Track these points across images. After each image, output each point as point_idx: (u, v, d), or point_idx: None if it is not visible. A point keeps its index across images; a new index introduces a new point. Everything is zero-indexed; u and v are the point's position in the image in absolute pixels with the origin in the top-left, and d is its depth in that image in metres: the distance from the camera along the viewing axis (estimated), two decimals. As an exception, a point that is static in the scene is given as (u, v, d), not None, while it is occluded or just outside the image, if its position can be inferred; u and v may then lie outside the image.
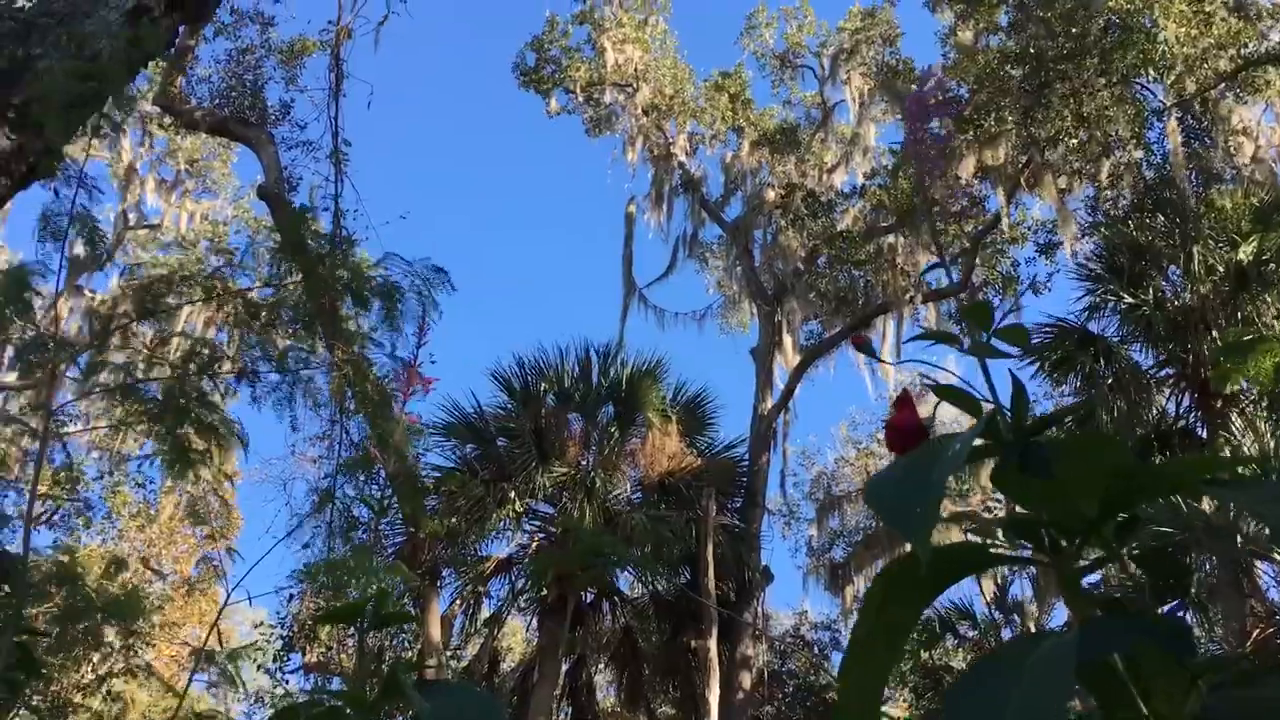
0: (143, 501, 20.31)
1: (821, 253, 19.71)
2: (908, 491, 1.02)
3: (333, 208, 13.68)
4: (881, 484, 1.07)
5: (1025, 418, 1.15)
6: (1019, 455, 1.12)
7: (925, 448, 1.10)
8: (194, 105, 15.12)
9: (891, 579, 1.08)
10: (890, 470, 1.09)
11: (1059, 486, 1.11)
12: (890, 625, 1.08)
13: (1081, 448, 1.13)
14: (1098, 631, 0.96)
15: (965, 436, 1.05)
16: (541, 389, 17.00)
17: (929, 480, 1.01)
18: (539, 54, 21.63)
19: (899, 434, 1.18)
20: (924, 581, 1.09)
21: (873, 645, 1.08)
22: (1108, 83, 13.40)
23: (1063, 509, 1.11)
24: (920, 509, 0.99)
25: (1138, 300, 14.37)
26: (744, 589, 16.68)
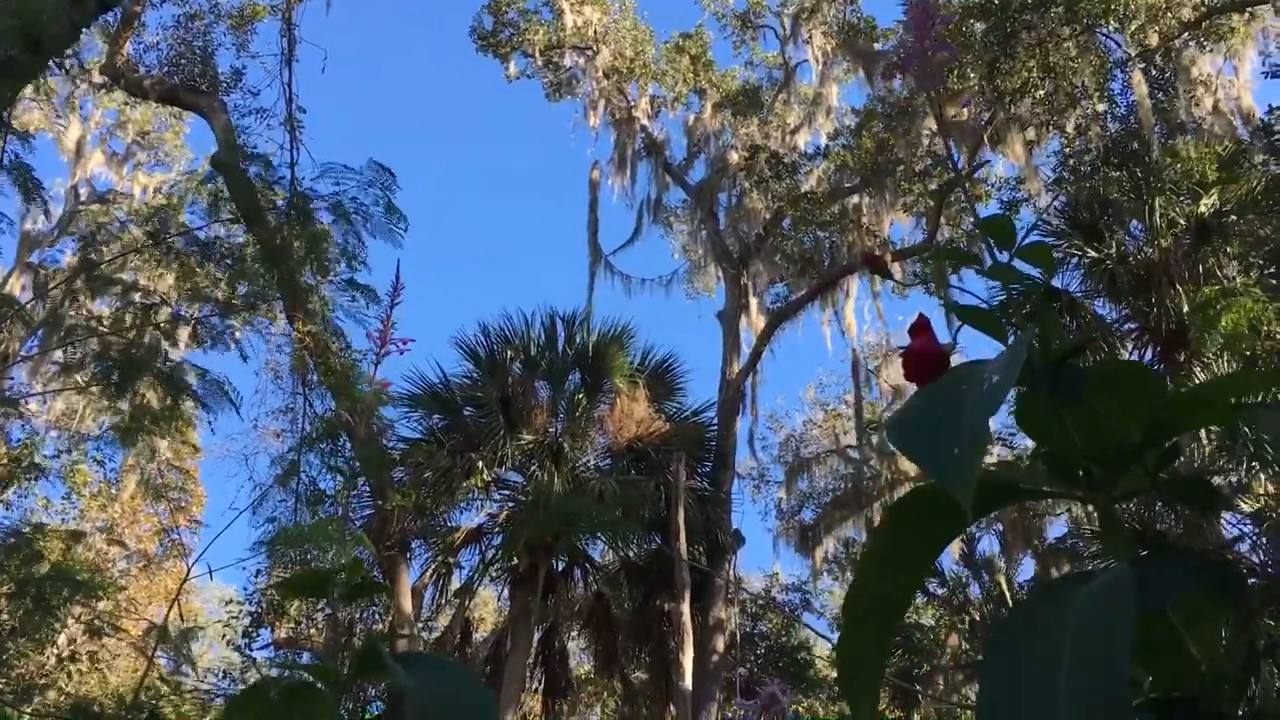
0: (103, 480, 20.01)
1: (786, 214, 19.61)
2: (943, 432, 0.90)
3: (290, 175, 13.43)
4: (909, 422, 0.95)
5: (1053, 343, 1.04)
6: (1050, 382, 1.02)
7: (951, 376, 0.99)
8: (143, 74, 14.74)
9: (897, 527, 0.98)
10: (915, 406, 0.97)
11: (1095, 415, 1.01)
12: (889, 586, 0.98)
13: (1121, 374, 1.03)
14: (1154, 571, 0.85)
15: (1005, 363, 0.93)
16: (508, 357, 16.85)
17: (967, 418, 0.89)
18: (496, 17, 21.28)
19: (920, 361, 1.07)
20: (936, 527, 0.98)
21: (873, 610, 0.98)
22: (1072, 32, 13.34)
23: (1100, 439, 1.01)
24: (962, 452, 0.86)
25: (1101, 255, 14.40)
26: (715, 552, 16.66)
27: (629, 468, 16.01)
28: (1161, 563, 0.88)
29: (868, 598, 1.03)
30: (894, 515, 1.02)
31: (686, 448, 16.25)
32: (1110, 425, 1.01)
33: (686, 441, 16.52)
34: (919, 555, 1.04)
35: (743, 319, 19.59)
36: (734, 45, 22.51)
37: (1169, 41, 13.73)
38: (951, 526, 1.02)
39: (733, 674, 17.93)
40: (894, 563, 1.03)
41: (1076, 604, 0.84)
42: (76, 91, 20.02)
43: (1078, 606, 0.83)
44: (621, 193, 21.26)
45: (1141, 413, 0.99)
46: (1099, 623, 0.79)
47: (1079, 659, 0.77)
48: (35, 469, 14.13)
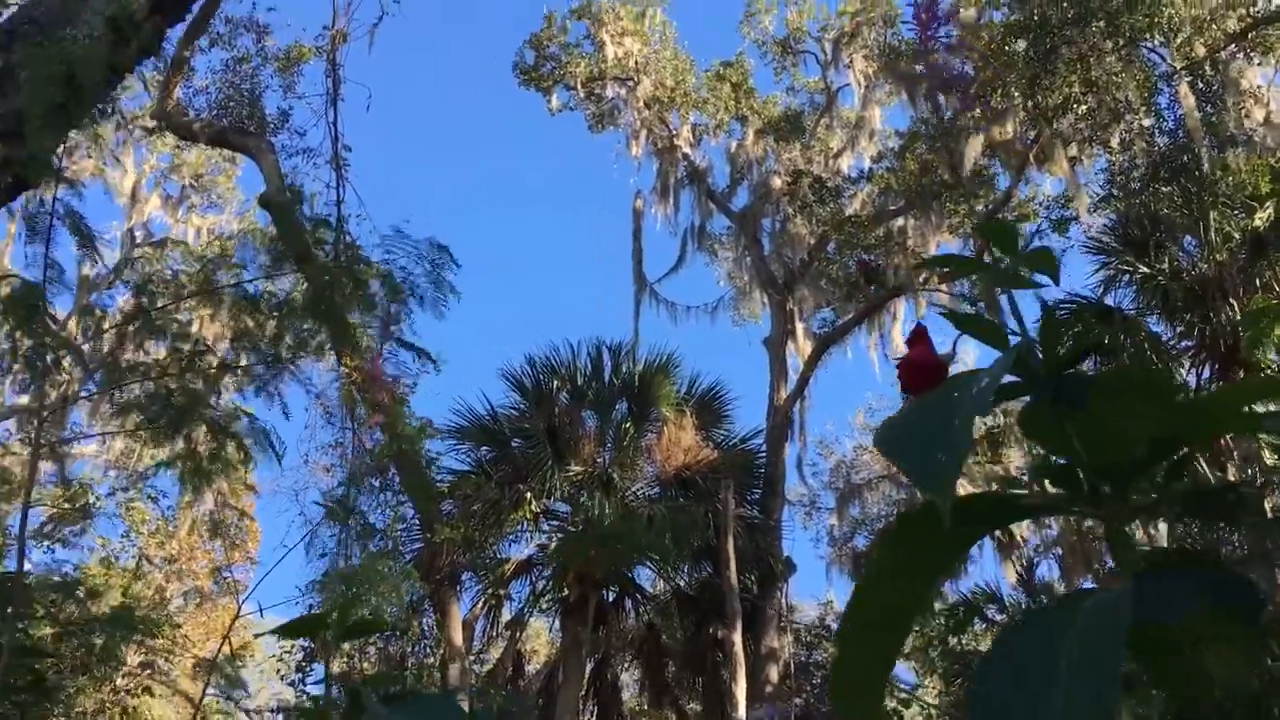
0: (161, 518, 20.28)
1: (831, 239, 19.51)
2: (927, 435, 0.87)
3: (335, 214, 13.60)
4: (896, 427, 0.92)
5: (1057, 348, 1.00)
6: (1053, 390, 0.98)
7: (945, 386, 0.95)
8: (192, 118, 15.03)
9: (901, 540, 0.94)
10: (906, 414, 0.94)
11: (1101, 425, 0.97)
12: (899, 597, 0.94)
13: (1126, 381, 0.98)
14: (1155, 587, 0.81)
15: (994, 368, 0.90)
16: (554, 387, 16.89)
17: (952, 422, 0.86)
18: (538, 52, 21.49)
19: (915, 371, 1.03)
20: (941, 542, 0.94)
21: (878, 621, 0.94)
22: (1114, 46, 13.16)
23: (1106, 450, 0.97)
24: (943, 455, 0.84)
25: (1154, 271, 14.14)
26: (767, 580, 16.52)
27: (677, 496, 15.94)
28: (1168, 577, 0.84)
29: (874, 609, 0.99)
30: (901, 526, 0.99)
31: (735, 475, 16.16)
32: (1117, 436, 0.96)
33: (735, 469, 16.43)
34: (927, 568, 0.99)
35: (789, 344, 19.49)
36: (775, 72, 22.55)
37: (1215, 54, 13.50)
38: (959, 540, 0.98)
39: (788, 704, 17.71)
40: (904, 573, 0.99)
41: (1077, 617, 0.80)
42: (131, 137, 20.48)
43: (1078, 620, 0.79)
44: (665, 221, 21.33)
45: (1150, 423, 0.94)
46: (1094, 636, 0.75)
47: (1074, 672, 0.73)
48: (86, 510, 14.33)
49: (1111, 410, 0.97)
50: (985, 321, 1.04)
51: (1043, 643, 0.78)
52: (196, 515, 21.16)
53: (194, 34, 14.83)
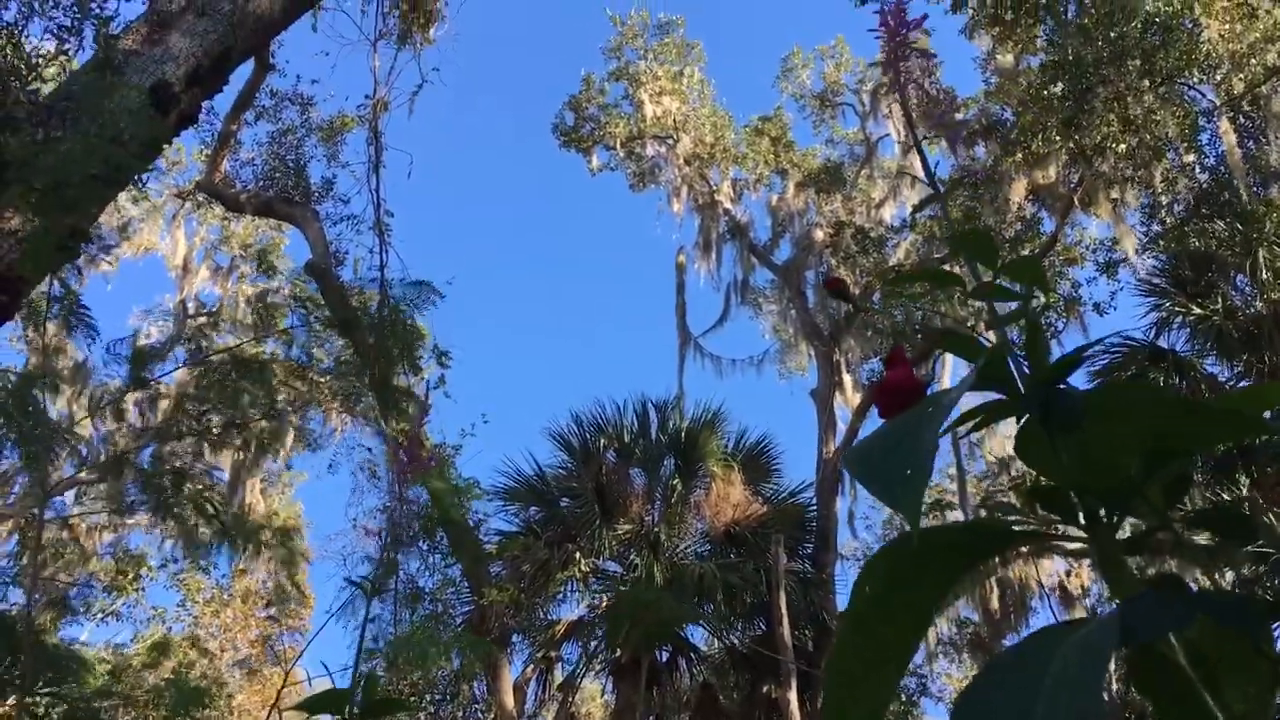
0: (216, 586, 20.42)
1: (875, 289, 19.40)
2: (895, 454, 0.82)
3: (379, 278, 13.76)
4: (865, 447, 0.86)
5: (1044, 362, 0.94)
6: (1039, 407, 0.91)
7: (919, 406, 0.90)
8: (239, 189, 15.34)
9: (886, 572, 0.88)
10: (876, 434, 0.89)
11: (1091, 443, 0.90)
12: (886, 637, 0.87)
13: (1116, 395, 0.92)
14: (1144, 609, 0.74)
15: (959, 384, 0.84)
16: (601, 446, 16.82)
17: (919, 436, 0.81)
18: (577, 113, 21.74)
19: (892, 396, 0.97)
20: (927, 573, 0.87)
21: (860, 671, 0.87)
22: (1152, 84, 13.04)
23: (1098, 470, 0.90)
24: (909, 469, 0.78)
25: (1206, 311, 13.89)
26: (822, 636, 16.20)
27: (727, 552, 15.75)
28: (1160, 597, 0.76)
29: (856, 658, 0.92)
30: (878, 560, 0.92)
31: (786, 530, 15.93)
32: (1110, 453, 0.90)
33: (785, 523, 16.21)
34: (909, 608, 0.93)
35: (837, 396, 19.31)
36: (813, 124, 22.64)
37: (1255, 88, 13.33)
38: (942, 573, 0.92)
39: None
40: (885, 614, 0.92)
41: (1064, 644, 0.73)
42: (181, 211, 20.93)
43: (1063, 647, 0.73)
44: (708, 276, 21.35)
45: (1139, 436, 0.88)
46: (1076, 661, 0.68)
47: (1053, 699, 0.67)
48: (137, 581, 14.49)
49: (1105, 425, 0.90)
50: (960, 337, 0.98)
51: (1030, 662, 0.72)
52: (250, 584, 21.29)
53: (240, 108, 15.19)
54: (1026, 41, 16.21)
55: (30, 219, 5.12)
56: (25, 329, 14.91)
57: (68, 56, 6.44)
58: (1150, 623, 0.73)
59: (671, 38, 21.85)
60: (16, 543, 15.64)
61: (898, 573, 0.87)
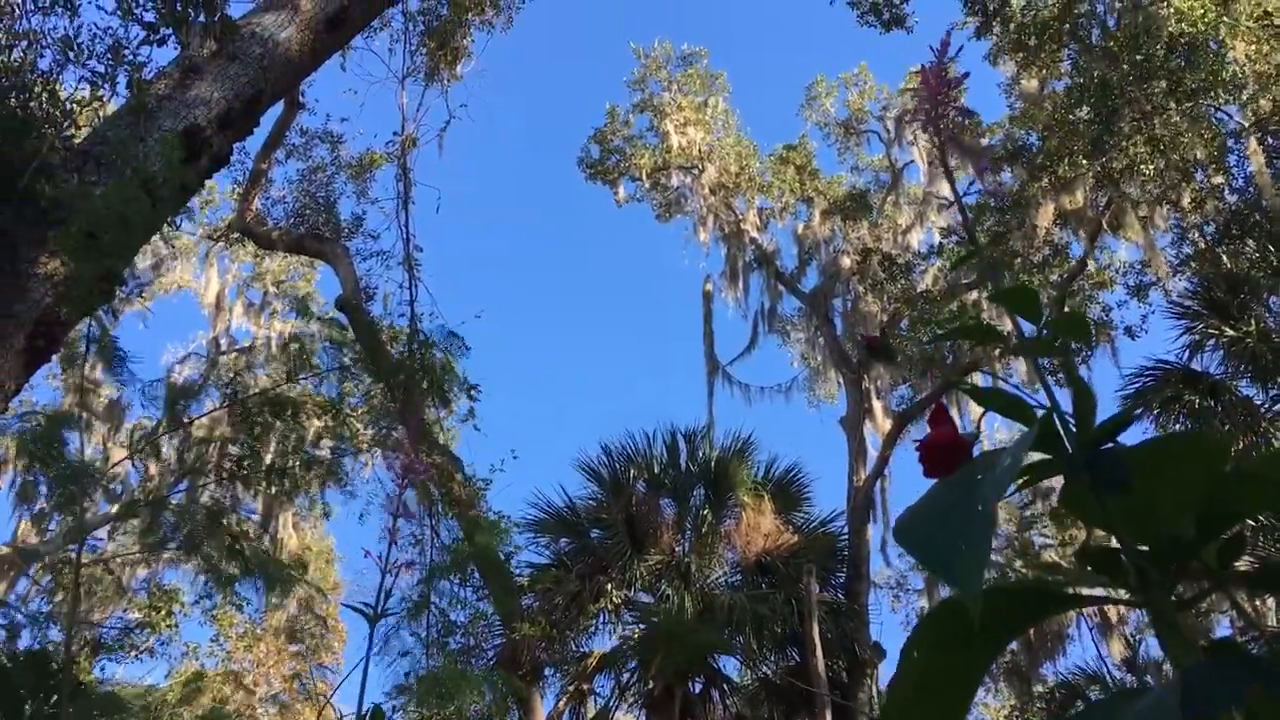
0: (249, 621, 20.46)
1: (903, 315, 19.33)
2: (948, 525, 0.80)
3: (409, 313, 13.84)
4: (916, 518, 0.85)
5: (1091, 422, 0.93)
6: (1087, 468, 0.90)
7: (967, 468, 0.89)
8: (270, 226, 15.50)
9: (932, 637, 0.86)
10: (927, 499, 0.88)
11: (1142, 503, 0.89)
12: (937, 692, 0.86)
13: (1166, 452, 0.91)
14: (1203, 679, 0.73)
15: (1014, 447, 0.83)
16: (631, 476, 16.78)
17: (973, 509, 0.80)
18: (603, 145, 21.86)
19: (936, 454, 0.96)
20: (975, 638, 0.86)
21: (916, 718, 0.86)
22: (1178, 105, 12.97)
23: (1149, 530, 0.89)
24: (966, 546, 0.77)
25: (1240, 333, 13.74)
26: (855, 667, 16.03)
27: (759, 582, 15.64)
28: (1213, 668, 0.75)
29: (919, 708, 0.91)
30: (924, 629, 0.91)
31: (817, 559, 15.81)
32: (1160, 514, 0.89)
33: (817, 552, 16.09)
34: (957, 675, 0.91)
35: (867, 424, 19.22)
36: (838, 152, 22.68)
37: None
38: (990, 640, 0.91)
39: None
40: (931, 683, 0.91)
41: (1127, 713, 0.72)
42: (213, 249, 21.16)
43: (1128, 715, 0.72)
44: (735, 304, 21.35)
45: (1191, 497, 0.87)
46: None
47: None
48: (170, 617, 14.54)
49: (1155, 484, 0.89)
50: (1009, 396, 0.98)
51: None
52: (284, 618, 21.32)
53: (270, 147, 15.38)
54: (1050, 66, 16.19)
55: (65, 263, 5.19)
56: (62, 370, 15.09)
57: (102, 102, 6.54)
58: (1210, 699, 0.71)
59: (695, 69, 21.98)
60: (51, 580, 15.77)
61: (953, 634, 0.86)
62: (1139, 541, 0.90)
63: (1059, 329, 1.03)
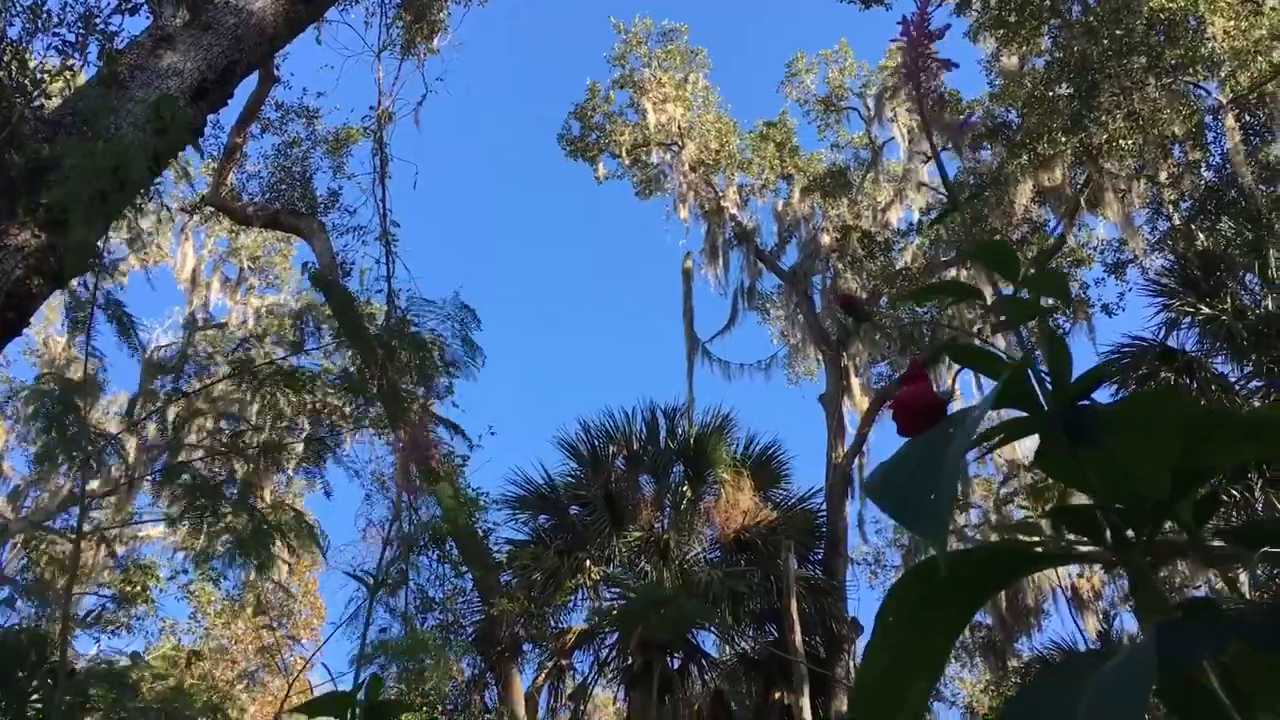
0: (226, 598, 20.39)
1: (883, 292, 19.36)
2: (917, 478, 0.79)
3: (386, 289, 13.76)
4: (886, 472, 0.84)
5: (1067, 378, 0.92)
6: (1063, 424, 0.89)
7: (941, 425, 0.87)
8: (246, 202, 15.36)
9: (910, 595, 0.85)
10: (897, 458, 0.86)
11: (1117, 461, 0.88)
12: (911, 655, 0.85)
13: (1142, 408, 0.89)
14: (1179, 632, 0.72)
15: (983, 401, 0.82)
16: (610, 453, 16.80)
17: (942, 460, 0.78)
18: (583, 122, 21.75)
19: (909, 412, 0.95)
20: (951, 596, 0.85)
21: (889, 683, 0.85)
22: (1158, 79, 12.99)
23: (1125, 488, 0.88)
24: (935, 496, 0.76)
25: (1216, 311, 13.83)
26: (833, 643, 16.14)
27: (737, 559, 15.70)
28: (1196, 622, 0.74)
29: (880, 681, 0.89)
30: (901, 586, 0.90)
31: (796, 535, 15.89)
32: (1136, 469, 0.87)
33: (795, 529, 16.16)
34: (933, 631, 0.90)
35: (845, 401, 19.27)
36: (818, 129, 22.61)
37: (1260, 86, 13.28)
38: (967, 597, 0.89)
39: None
40: (908, 639, 0.89)
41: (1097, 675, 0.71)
42: (188, 224, 20.96)
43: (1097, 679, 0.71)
44: (715, 282, 21.33)
45: (1169, 454, 0.85)
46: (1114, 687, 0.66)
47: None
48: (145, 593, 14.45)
49: (1131, 441, 0.88)
50: (981, 352, 0.96)
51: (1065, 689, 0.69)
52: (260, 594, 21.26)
53: (245, 121, 15.22)
54: (1030, 43, 16.19)
55: (37, 235, 5.12)
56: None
57: (72, 72, 6.45)
58: (1187, 650, 0.70)
59: (675, 45, 21.87)
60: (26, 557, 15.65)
61: (925, 596, 0.84)
62: (1114, 500, 0.89)
63: (1036, 287, 1.02)
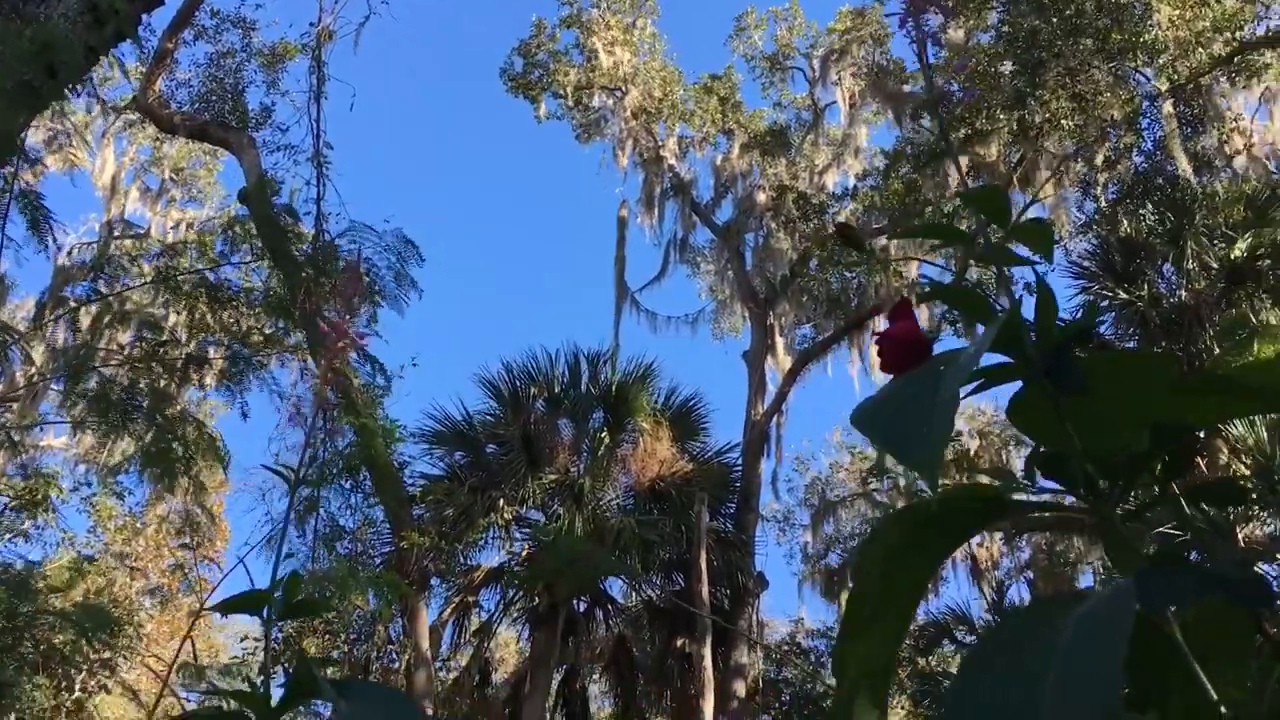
0: (128, 514, 20.00)
1: (813, 255, 19.49)
2: (910, 411, 0.79)
3: (315, 211, 13.48)
4: (876, 404, 0.83)
5: (1052, 327, 0.92)
6: (1048, 372, 0.89)
7: (928, 364, 0.87)
8: (174, 110, 14.89)
9: (898, 531, 0.85)
10: (887, 390, 0.86)
11: (1098, 412, 0.88)
12: (899, 588, 0.85)
13: (1127, 363, 0.90)
14: (1158, 579, 0.72)
15: (979, 340, 0.81)
16: (531, 394, 16.75)
17: (935, 395, 0.78)
18: (527, 59, 21.41)
19: (897, 347, 0.94)
20: (936, 532, 0.85)
21: (879, 612, 0.85)
22: (1104, 63, 13.18)
23: (1103, 440, 0.88)
24: (926, 428, 0.75)
25: (1132, 296, 14.18)
26: (738, 595, 16.40)
27: (651, 508, 15.82)
28: (1169, 570, 0.75)
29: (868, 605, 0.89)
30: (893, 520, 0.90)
31: (710, 489, 16.05)
32: (1115, 423, 0.88)
33: (710, 483, 16.32)
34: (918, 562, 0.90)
35: (769, 360, 19.43)
36: (762, 87, 22.55)
37: (1199, 77, 13.55)
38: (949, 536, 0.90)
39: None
40: (897, 565, 0.89)
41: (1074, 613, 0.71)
42: (110, 127, 20.27)
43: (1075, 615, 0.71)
44: (650, 231, 21.28)
45: (1149, 407, 0.86)
46: (1093, 630, 0.66)
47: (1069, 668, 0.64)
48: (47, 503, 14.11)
49: (1112, 394, 0.88)
50: (973, 295, 0.96)
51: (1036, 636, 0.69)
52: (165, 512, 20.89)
53: (179, 26, 14.71)
54: (977, 18, 16.29)
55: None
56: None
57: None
58: (1166, 597, 0.71)
59: (626, -12, 21.60)
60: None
61: (909, 535, 0.85)
62: (1091, 450, 0.89)
63: (1021, 236, 1.01)
